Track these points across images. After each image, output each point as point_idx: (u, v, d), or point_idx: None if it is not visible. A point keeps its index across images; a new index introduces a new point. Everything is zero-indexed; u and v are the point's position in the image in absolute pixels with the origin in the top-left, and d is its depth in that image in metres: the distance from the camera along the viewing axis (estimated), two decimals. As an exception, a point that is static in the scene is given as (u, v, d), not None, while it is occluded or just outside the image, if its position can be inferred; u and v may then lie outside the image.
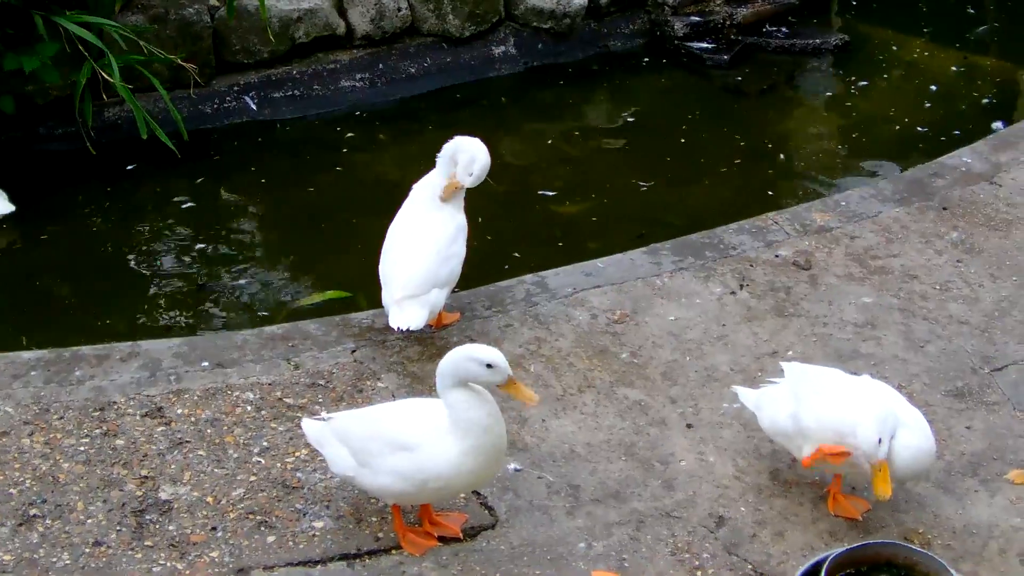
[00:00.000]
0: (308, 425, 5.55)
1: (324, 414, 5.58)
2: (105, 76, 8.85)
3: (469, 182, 6.58)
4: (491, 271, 7.63)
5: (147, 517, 5.54)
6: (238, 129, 10.04)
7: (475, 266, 6.97)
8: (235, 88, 10.24)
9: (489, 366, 5.01)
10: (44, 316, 7.87)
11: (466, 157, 6.54)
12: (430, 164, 6.70)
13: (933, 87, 10.94)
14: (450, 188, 6.60)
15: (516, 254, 8.41)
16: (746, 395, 5.92)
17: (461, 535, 5.49)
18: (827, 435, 5.42)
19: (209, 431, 6.04)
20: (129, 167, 9.38)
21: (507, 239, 8.62)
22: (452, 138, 6.62)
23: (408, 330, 6.37)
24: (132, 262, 8.38)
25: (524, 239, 8.67)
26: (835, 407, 5.42)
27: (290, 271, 8.38)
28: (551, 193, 9.28)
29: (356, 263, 7.82)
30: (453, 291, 6.76)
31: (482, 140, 6.64)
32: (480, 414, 5.08)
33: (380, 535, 5.49)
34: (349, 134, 10.09)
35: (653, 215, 8.93)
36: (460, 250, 6.66)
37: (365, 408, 5.58)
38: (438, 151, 6.62)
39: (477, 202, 7.08)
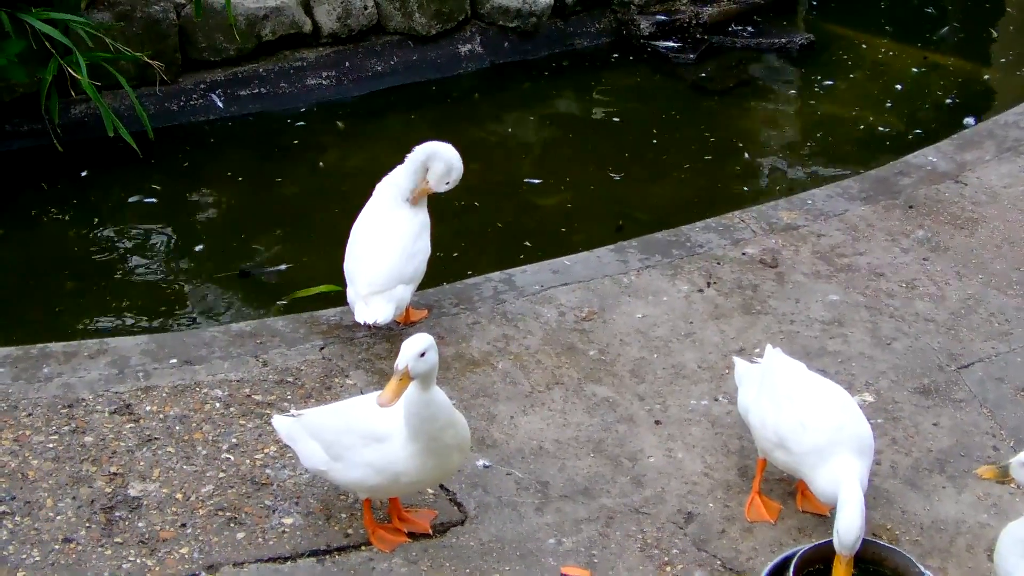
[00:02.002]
0: (279, 421, 5.54)
1: (293, 411, 5.58)
2: (72, 73, 8.83)
3: (444, 189, 6.59)
4: (463, 263, 7.64)
5: (116, 514, 5.53)
6: (205, 127, 10.02)
7: (447, 258, 6.96)
8: (201, 86, 10.22)
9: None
10: (10, 314, 7.84)
11: (441, 166, 6.51)
12: (398, 160, 6.67)
13: (898, 86, 10.99)
14: (421, 194, 6.59)
15: (487, 244, 8.46)
16: (739, 368, 5.92)
17: (431, 531, 5.50)
18: (768, 434, 5.46)
19: (178, 428, 6.03)
20: (96, 164, 9.33)
21: (479, 230, 8.67)
22: (424, 142, 6.56)
23: (375, 324, 6.38)
24: (99, 259, 8.36)
25: (496, 229, 8.72)
26: (782, 416, 5.43)
27: (262, 266, 8.35)
28: (537, 181, 9.34)
29: (331, 258, 7.79)
30: (420, 288, 6.77)
31: (448, 136, 6.64)
32: (422, 423, 5.06)
33: (350, 531, 5.49)
34: (316, 131, 10.07)
35: (621, 211, 8.95)
36: (425, 246, 6.65)
37: (338, 403, 5.59)
38: (408, 149, 6.58)
39: (449, 195, 7.06)
